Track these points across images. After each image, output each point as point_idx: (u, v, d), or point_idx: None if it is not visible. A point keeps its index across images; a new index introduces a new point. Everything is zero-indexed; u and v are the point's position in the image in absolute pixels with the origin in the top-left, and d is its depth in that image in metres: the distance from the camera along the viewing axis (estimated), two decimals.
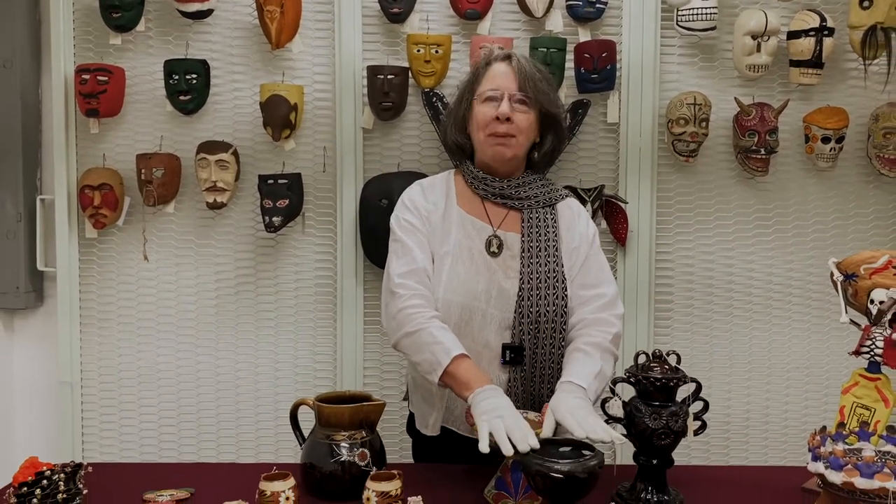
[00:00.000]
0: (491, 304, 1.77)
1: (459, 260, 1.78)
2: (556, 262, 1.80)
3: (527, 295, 1.76)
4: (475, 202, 1.86)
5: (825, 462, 1.37)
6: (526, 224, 1.82)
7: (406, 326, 1.69)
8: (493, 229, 1.82)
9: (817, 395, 2.80)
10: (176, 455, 2.78)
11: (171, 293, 2.75)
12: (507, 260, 1.80)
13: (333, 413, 1.60)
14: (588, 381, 1.64)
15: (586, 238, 1.87)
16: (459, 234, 1.81)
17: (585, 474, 1.27)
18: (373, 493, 1.49)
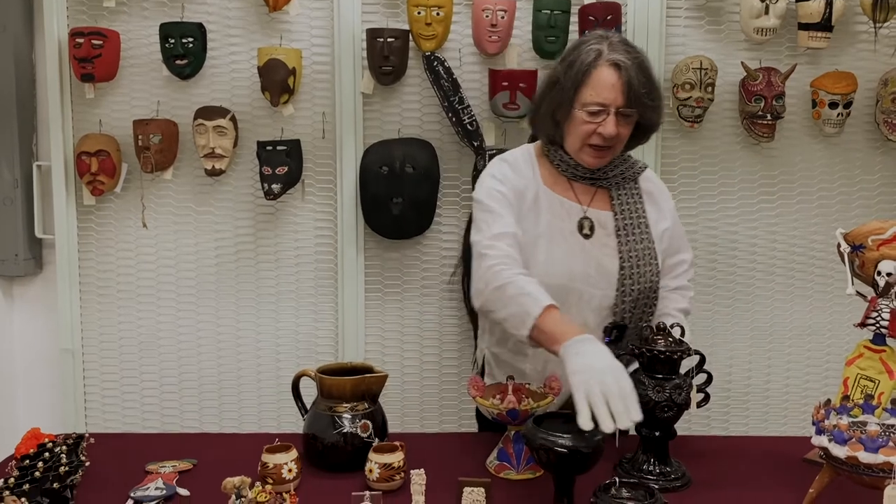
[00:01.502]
0: (590, 284, 1.72)
1: (554, 241, 1.72)
2: (648, 239, 1.78)
3: (628, 273, 1.72)
4: (561, 181, 1.78)
5: (829, 436, 1.36)
6: (616, 202, 1.77)
7: (493, 282, 1.59)
8: (584, 210, 1.76)
9: (819, 366, 2.80)
10: (178, 424, 2.79)
11: (171, 260, 2.74)
12: (602, 238, 1.75)
13: (335, 385, 1.59)
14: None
15: (672, 213, 1.86)
16: (549, 214, 1.74)
17: (590, 449, 1.27)
18: (375, 464, 1.49)
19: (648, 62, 1.73)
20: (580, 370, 1.35)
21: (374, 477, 1.49)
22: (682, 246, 1.89)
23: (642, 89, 1.66)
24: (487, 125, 2.60)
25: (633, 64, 1.66)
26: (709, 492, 1.53)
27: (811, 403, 2.76)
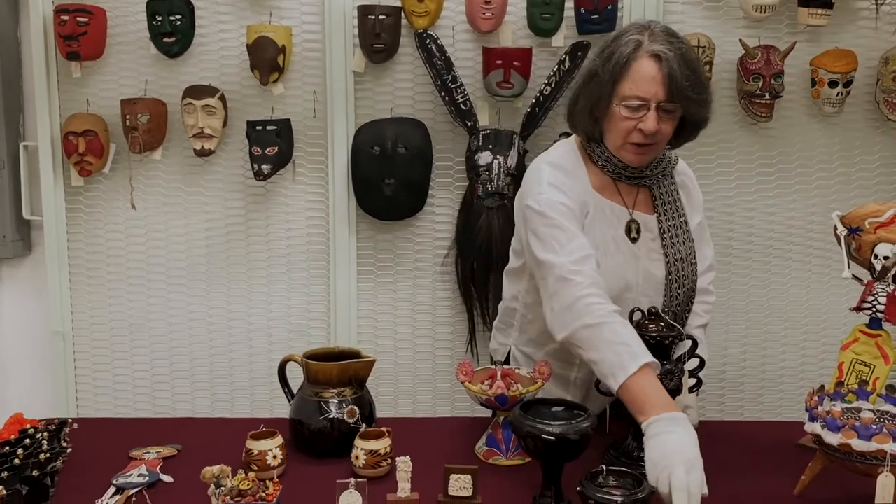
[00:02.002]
0: (639, 292, 1.66)
1: (608, 252, 1.64)
2: (689, 238, 1.72)
3: (675, 277, 1.67)
4: (606, 183, 1.68)
5: (822, 422, 1.34)
6: (659, 202, 1.69)
7: (585, 318, 1.47)
8: (630, 212, 1.69)
9: (815, 349, 2.78)
10: (170, 408, 2.77)
11: (161, 242, 2.71)
12: (647, 243, 1.68)
13: (321, 370, 1.57)
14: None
15: (702, 207, 1.81)
16: (602, 223, 1.65)
17: (577, 436, 1.24)
18: (361, 451, 1.47)
19: (693, 53, 1.61)
20: (656, 461, 1.28)
21: (360, 463, 1.47)
22: (706, 241, 1.82)
23: (685, 82, 1.54)
24: (481, 104, 2.56)
25: (676, 55, 1.54)
26: None
27: (807, 387, 2.74)
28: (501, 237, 2.46)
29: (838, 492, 1.42)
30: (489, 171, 2.46)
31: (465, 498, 1.37)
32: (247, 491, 1.30)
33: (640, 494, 1.17)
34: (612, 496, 1.16)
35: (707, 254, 1.80)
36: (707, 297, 1.81)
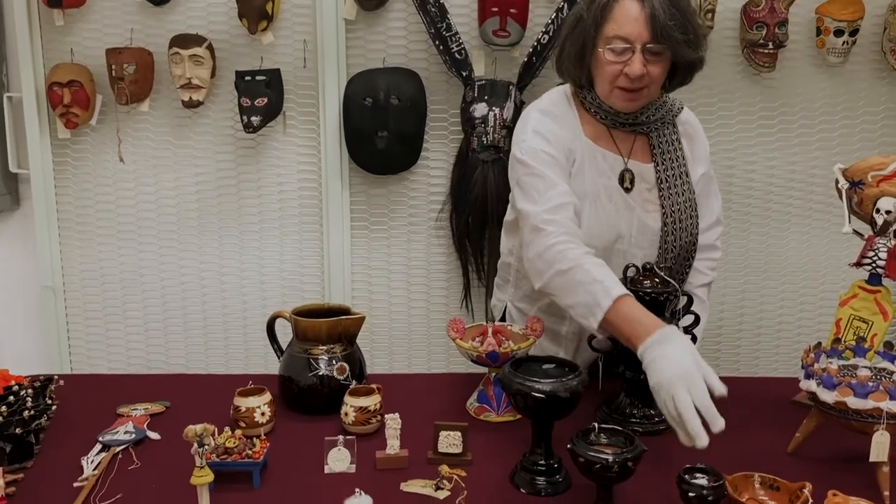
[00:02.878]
0: (633, 244, 1.62)
1: (598, 202, 1.60)
2: (689, 190, 1.66)
3: (671, 229, 1.62)
4: (600, 131, 1.63)
5: (818, 380, 1.32)
6: (657, 151, 1.64)
7: (557, 264, 1.45)
8: (625, 161, 1.63)
9: (813, 303, 2.76)
10: (164, 364, 2.76)
11: (151, 196, 2.66)
12: (642, 193, 1.63)
13: (310, 327, 1.54)
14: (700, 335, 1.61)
15: (707, 157, 1.74)
16: (593, 171, 1.61)
17: (567, 394, 1.22)
18: (351, 408, 1.45)
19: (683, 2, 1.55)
20: (657, 390, 1.27)
21: (349, 420, 1.45)
22: (712, 193, 1.75)
23: (670, 21, 1.48)
24: (477, 53, 2.48)
25: None
26: None
27: (803, 343, 2.74)
28: (497, 191, 2.41)
29: (832, 449, 1.41)
30: (485, 123, 2.40)
31: (454, 455, 1.36)
32: (233, 449, 1.28)
33: (632, 453, 1.15)
34: (603, 454, 1.14)
35: (713, 207, 1.74)
36: (712, 254, 1.76)
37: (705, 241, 1.72)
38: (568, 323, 1.69)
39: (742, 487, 1.24)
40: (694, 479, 1.13)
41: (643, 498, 1.25)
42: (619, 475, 1.15)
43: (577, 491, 1.27)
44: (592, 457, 1.14)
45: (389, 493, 1.26)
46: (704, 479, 1.13)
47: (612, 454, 1.14)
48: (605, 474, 1.15)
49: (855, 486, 1.24)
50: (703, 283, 1.74)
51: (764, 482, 1.25)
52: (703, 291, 1.73)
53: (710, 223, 1.73)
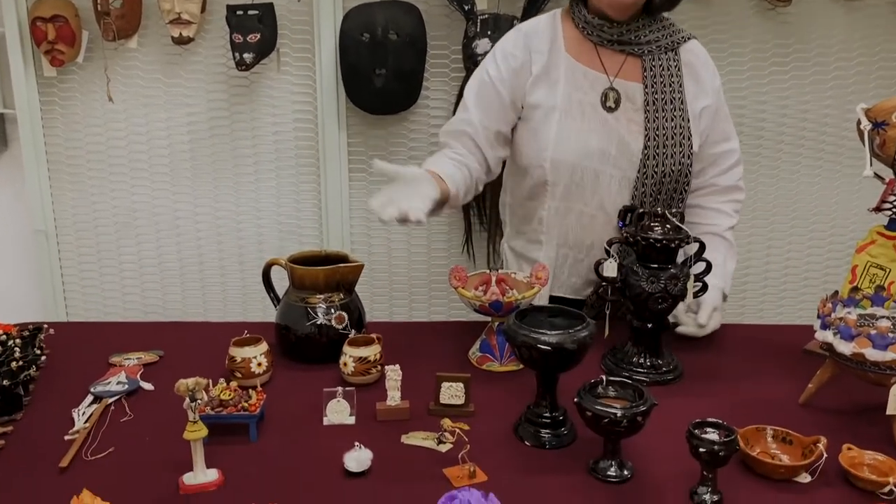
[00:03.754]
0: (608, 164, 1.58)
1: (569, 115, 1.57)
2: (682, 117, 1.59)
3: (652, 153, 1.57)
4: (587, 49, 1.59)
5: (835, 330, 1.26)
6: (648, 72, 1.58)
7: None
8: (610, 80, 1.58)
9: (821, 248, 2.70)
10: (161, 311, 2.72)
11: (142, 137, 2.58)
12: (628, 113, 1.58)
13: (307, 275, 1.48)
14: (729, 281, 1.67)
15: (715, 91, 1.65)
16: (568, 86, 1.58)
17: (574, 346, 1.17)
18: (350, 358, 1.41)
19: None
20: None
21: (348, 371, 1.41)
22: (728, 132, 1.68)
23: None
24: None
25: None
26: (702, 385, 1.45)
27: (810, 291, 2.70)
28: None
29: (845, 401, 1.37)
30: None
31: (456, 406, 1.32)
32: (228, 401, 1.24)
33: (642, 407, 1.10)
34: (612, 408, 1.10)
35: (732, 147, 1.69)
36: (737, 195, 1.72)
37: (728, 181, 1.70)
38: (543, 249, 1.68)
39: (754, 441, 1.21)
40: (704, 433, 1.09)
41: (652, 452, 1.21)
42: (627, 430, 1.11)
43: (582, 444, 1.24)
44: (600, 411, 1.10)
45: (390, 446, 1.22)
46: (715, 433, 1.09)
47: (620, 408, 1.10)
48: (613, 429, 1.10)
49: (870, 440, 1.20)
50: (729, 225, 1.71)
51: (776, 435, 1.21)
52: (730, 234, 1.71)
53: (731, 163, 1.70)
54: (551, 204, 1.63)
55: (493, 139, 1.63)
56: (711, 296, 1.56)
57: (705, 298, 1.56)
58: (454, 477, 1.14)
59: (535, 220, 1.67)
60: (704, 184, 1.69)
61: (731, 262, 1.69)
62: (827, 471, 1.14)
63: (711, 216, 1.69)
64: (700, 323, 1.56)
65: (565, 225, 1.64)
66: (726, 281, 1.65)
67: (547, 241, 1.66)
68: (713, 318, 1.58)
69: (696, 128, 1.61)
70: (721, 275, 1.62)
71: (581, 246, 1.65)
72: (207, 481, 1.11)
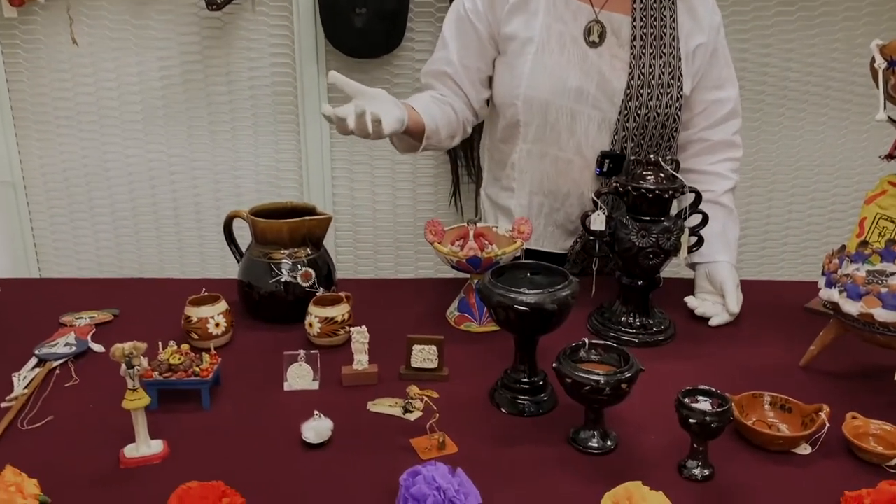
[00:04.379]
0: (587, 103, 1.44)
1: (546, 49, 1.43)
2: (672, 55, 1.45)
3: (636, 93, 1.42)
4: None
5: (841, 288, 1.16)
6: (638, 3, 1.44)
7: None
8: (595, 11, 1.44)
9: (823, 200, 2.59)
10: (137, 265, 2.62)
11: (112, 83, 2.44)
12: (612, 48, 1.44)
13: (270, 229, 1.37)
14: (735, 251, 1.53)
15: (713, 28, 1.49)
16: (548, 16, 1.44)
17: (555, 306, 1.06)
18: (315, 318, 1.30)
19: None
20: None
21: (314, 332, 1.30)
22: (725, 79, 1.51)
23: None
24: None
25: None
26: (695, 346, 1.35)
27: (812, 245, 2.59)
28: None
29: (850, 365, 1.27)
30: None
31: (429, 370, 1.22)
32: (178, 366, 1.14)
33: (627, 373, 1.00)
34: (594, 374, 1.00)
35: (729, 95, 1.51)
36: (732, 152, 1.54)
37: (721, 136, 1.52)
38: (515, 196, 1.57)
39: (750, 409, 1.11)
40: (695, 402, 0.99)
41: (638, 421, 1.11)
42: (610, 398, 1.01)
43: (563, 411, 1.14)
44: (581, 378, 1.00)
45: (354, 414, 1.12)
46: (707, 402, 0.99)
47: (603, 375, 1.00)
48: (595, 397, 1.01)
49: (876, 408, 1.11)
50: (727, 188, 1.53)
51: (775, 402, 1.12)
52: (728, 198, 1.53)
53: (723, 114, 1.52)
54: (524, 147, 1.51)
55: (475, 79, 1.50)
56: (728, 275, 1.44)
57: (725, 281, 1.43)
58: (421, 448, 1.04)
59: (508, 164, 1.56)
60: (693, 138, 1.53)
61: (733, 229, 1.52)
62: (829, 442, 1.04)
63: (704, 181, 1.51)
64: (731, 312, 1.41)
65: (539, 170, 1.52)
66: (731, 253, 1.50)
67: (519, 188, 1.55)
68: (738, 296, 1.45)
69: (689, 68, 1.47)
70: (726, 247, 1.49)
71: (556, 194, 1.54)
72: (151, 454, 1.01)
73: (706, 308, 1.43)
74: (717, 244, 1.48)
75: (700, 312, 1.43)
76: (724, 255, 1.47)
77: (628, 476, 0.99)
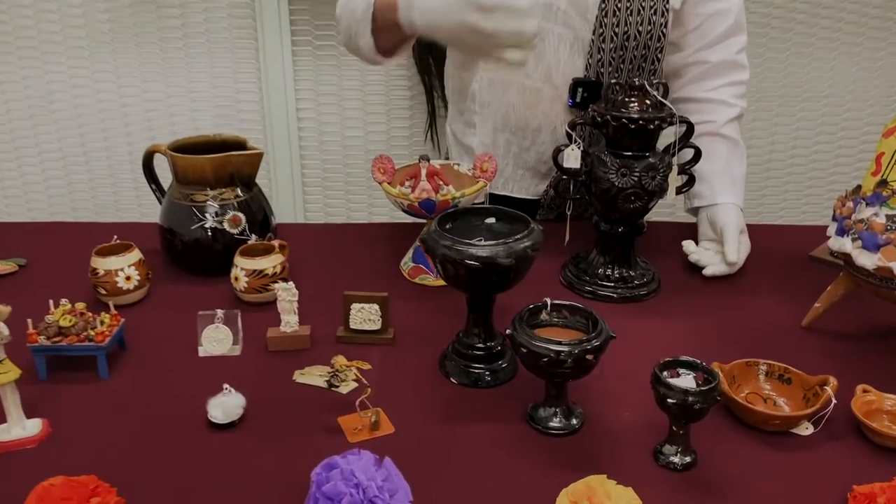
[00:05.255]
0: (556, 21, 1.24)
1: None
2: None
3: (613, 7, 1.21)
4: None
5: (854, 236, 0.98)
6: None
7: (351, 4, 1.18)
8: None
9: (831, 134, 2.38)
10: (91, 206, 2.43)
11: (53, 5, 2.21)
12: None
13: (191, 166, 1.18)
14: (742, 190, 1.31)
15: None
16: None
17: (511, 260, 0.88)
18: (241, 271, 1.12)
19: None
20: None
21: (241, 287, 1.13)
22: None
23: None
24: None
25: None
26: (682, 302, 1.18)
27: (817, 185, 2.39)
28: None
29: (862, 327, 1.10)
30: None
31: (371, 332, 1.05)
32: (69, 329, 0.96)
33: (595, 342, 0.83)
34: (554, 344, 0.82)
35: (723, 5, 1.28)
36: (736, 74, 1.32)
37: (721, 56, 1.30)
38: (477, 133, 1.37)
39: (742, 379, 0.94)
40: (675, 377, 0.82)
41: (610, 393, 0.95)
42: (574, 371, 0.84)
43: (524, 381, 0.97)
44: (539, 347, 0.83)
45: (278, 387, 0.96)
46: (690, 376, 0.82)
47: (566, 344, 0.82)
48: (555, 370, 0.83)
49: (893, 380, 0.94)
50: (730, 117, 1.31)
51: (772, 371, 0.95)
52: (732, 129, 1.31)
53: (723, 30, 1.29)
54: (484, 74, 1.30)
55: None
56: (731, 218, 1.23)
57: (726, 226, 1.22)
58: (350, 430, 0.88)
59: (468, 96, 1.36)
60: (688, 61, 1.31)
61: (738, 165, 1.31)
62: (835, 420, 0.88)
63: (704, 111, 1.30)
64: (730, 261, 1.20)
65: (503, 103, 1.32)
66: (737, 193, 1.29)
67: (481, 123, 1.35)
68: (742, 244, 1.24)
69: None
70: (730, 187, 1.27)
71: (525, 130, 1.34)
72: (25, 437, 0.85)
73: (702, 255, 1.25)
74: (720, 183, 1.28)
75: (694, 259, 1.25)
76: (727, 196, 1.28)
77: (595, 461, 0.83)
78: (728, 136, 1.31)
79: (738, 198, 1.29)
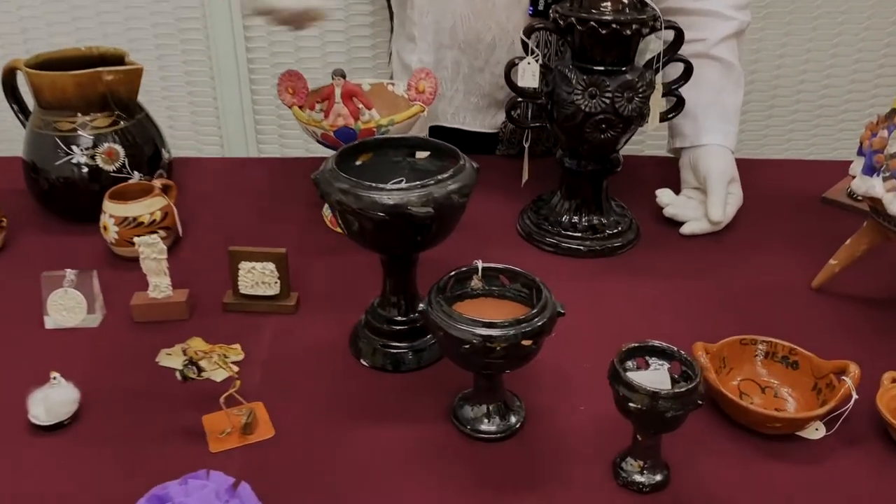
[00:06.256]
0: None
1: None
2: None
3: None
4: None
5: (887, 175, 0.75)
6: None
7: None
8: None
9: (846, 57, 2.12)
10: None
11: None
12: None
13: (51, 86, 0.93)
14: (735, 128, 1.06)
15: None
16: None
17: (429, 209, 0.65)
18: (111, 218, 0.90)
19: None
20: None
21: (111, 238, 0.90)
22: None
23: None
24: None
25: None
26: (664, 258, 0.95)
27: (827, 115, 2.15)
28: None
29: (885, 290, 0.88)
30: None
31: (267, 298, 0.83)
32: None
33: (538, 321, 0.61)
34: (479, 326, 0.60)
35: None
36: None
37: None
38: (418, 50, 1.11)
39: (735, 362, 0.73)
40: (642, 368, 0.60)
41: (562, 380, 0.74)
42: (506, 361, 0.62)
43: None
44: (459, 330, 0.61)
45: (138, 370, 0.75)
46: (664, 368, 0.61)
47: (495, 326, 0.60)
48: (481, 360, 0.62)
49: None
50: (724, 33, 1.04)
51: (773, 353, 0.73)
52: (726, 49, 1.05)
53: None
54: None
55: None
56: (717, 164, 0.99)
57: (710, 173, 0.98)
58: (214, 433, 0.67)
59: (408, 4, 1.10)
60: None
61: (732, 95, 1.06)
62: (855, 419, 0.67)
63: (693, 25, 1.01)
64: (713, 219, 0.97)
65: (448, 10, 1.06)
66: (727, 132, 1.04)
67: (421, 37, 1.09)
68: (732, 195, 1.00)
69: None
70: (719, 123, 1.03)
71: (476, 46, 1.08)
72: None
73: (680, 208, 1.01)
74: (707, 118, 1.03)
75: (670, 213, 1.01)
76: (714, 135, 1.03)
77: (535, 477, 0.62)
78: (720, 59, 1.04)
79: (728, 138, 1.04)
